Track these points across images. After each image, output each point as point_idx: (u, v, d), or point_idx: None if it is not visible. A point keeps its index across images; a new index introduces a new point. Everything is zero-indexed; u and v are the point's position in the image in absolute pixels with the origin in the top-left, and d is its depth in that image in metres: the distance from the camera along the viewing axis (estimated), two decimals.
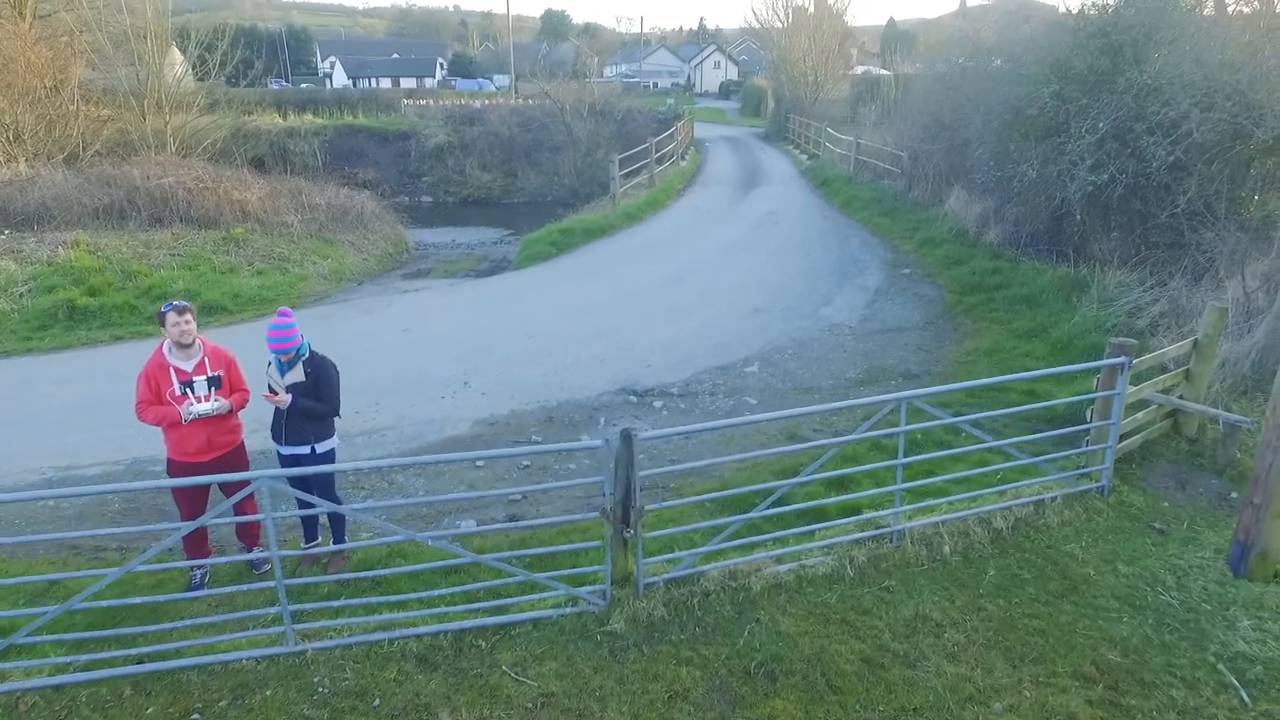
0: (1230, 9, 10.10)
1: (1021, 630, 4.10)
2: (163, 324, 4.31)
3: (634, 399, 7.49)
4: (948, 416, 4.74)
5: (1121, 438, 5.43)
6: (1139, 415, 5.83)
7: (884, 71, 38.61)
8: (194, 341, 4.37)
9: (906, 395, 4.52)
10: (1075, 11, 10.87)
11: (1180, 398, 6.20)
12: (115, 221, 13.96)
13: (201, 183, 14.86)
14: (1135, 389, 5.58)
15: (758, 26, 35.52)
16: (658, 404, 7.37)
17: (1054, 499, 5.17)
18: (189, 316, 4.34)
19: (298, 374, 4.38)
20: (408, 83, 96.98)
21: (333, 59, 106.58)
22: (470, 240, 23.98)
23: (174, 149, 20.55)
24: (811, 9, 33.72)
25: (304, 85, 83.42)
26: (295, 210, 15.39)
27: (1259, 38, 8.72)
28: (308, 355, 4.46)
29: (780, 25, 31.41)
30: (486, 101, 36.88)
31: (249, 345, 9.59)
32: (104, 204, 14.03)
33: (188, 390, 4.33)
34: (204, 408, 4.35)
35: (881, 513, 4.81)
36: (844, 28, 31.01)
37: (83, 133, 19.21)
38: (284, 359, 4.38)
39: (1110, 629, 4.11)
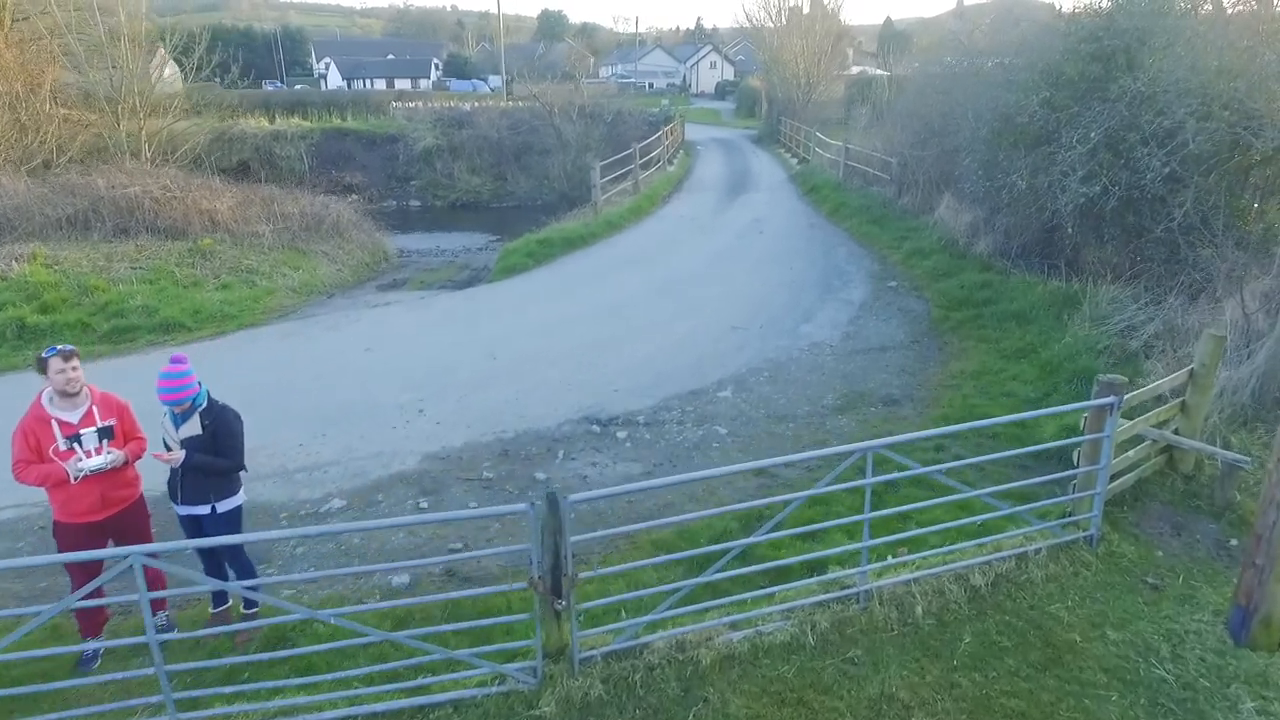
0: (1228, 11, 9.67)
1: (998, 713, 3.68)
2: (44, 371, 3.88)
3: (597, 428, 7.06)
4: (918, 465, 4.31)
5: (1112, 477, 5.01)
6: (1130, 453, 5.41)
7: (880, 72, 38.21)
8: (80, 389, 3.94)
9: (872, 445, 4.09)
10: (1067, 15, 10.46)
11: (1175, 432, 5.78)
12: (79, 233, 13.52)
13: (169, 192, 14.43)
14: (1128, 425, 5.15)
15: (749, 26, 35.01)
16: (621, 434, 6.94)
17: (1038, 551, 4.74)
18: (75, 362, 3.91)
19: (194, 426, 3.94)
20: (402, 84, 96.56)
21: (328, 60, 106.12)
22: (455, 246, 23.57)
23: (149, 155, 20.11)
24: (807, 9, 33.30)
25: (299, 86, 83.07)
26: (267, 219, 14.95)
27: (1258, 42, 8.29)
28: (205, 405, 4.02)
29: (772, 25, 30.96)
30: (476, 104, 36.42)
31: (206, 367, 9.21)
32: (67, 214, 13.58)
33: (74, 445, 3.89)
34: (94, 462, 3.92)
35: (847, 571, 4.39)
36: (838, 27, 30.57)
37: (58, 139, 18.79)
38: (178, 410, 3.94)
39: (1098, 710, 3.69)
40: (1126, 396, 4.77)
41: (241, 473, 4.19)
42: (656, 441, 6.84)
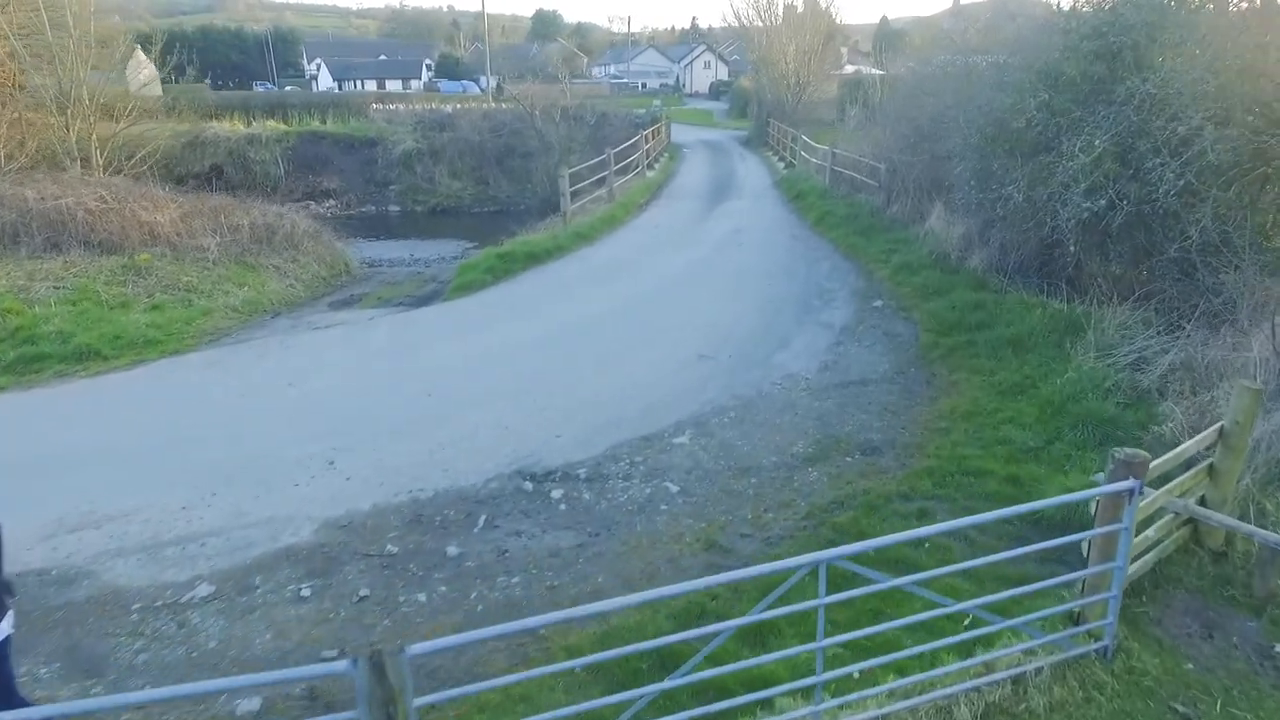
0: (1244, 4, 8.74)
1: None
2: None
3: (529, 485, 6.11)
4: (884, 578, 3.36)
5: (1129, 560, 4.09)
6: (1150, 531, 4.48)
7: (876, 71, 37.29)
8: None
9: (826, 556, 3.15)
10: (1066, 9, 9.52)
11: (1202, 501, 4.85)
12: (6, 249, 12.58)
13: (105, 203, 13.46)
14: (1148, 498, 4.23)
15: (738, 25, 34.07)
16: (556, 494, 6.00)
17: (1039, 671, 3.80)
18: None
19: None
20: (393, 85, 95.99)
21: (318, 61, 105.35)
22: (429, 255, 22.66)
23: (100, 162, 19.15)
24: (801, 7, 32.36)
25: (289, 88, 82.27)
26: (213, 231, 14.00)
27: None
28: None
29: (761, 24, 30.04)
30: (459, 105, 35.47)
31: (111, 404, 8.28)
32: None
33: None
34: None
35: (798, 713, 3.44)
36: (828, 25, 29.64)
37: (4, 145, 17.83)
38: None
39: None
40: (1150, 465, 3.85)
41: (8, 597, 3.24)
42: (596, 503, 5.90)
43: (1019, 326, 8.65)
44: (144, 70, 45.80)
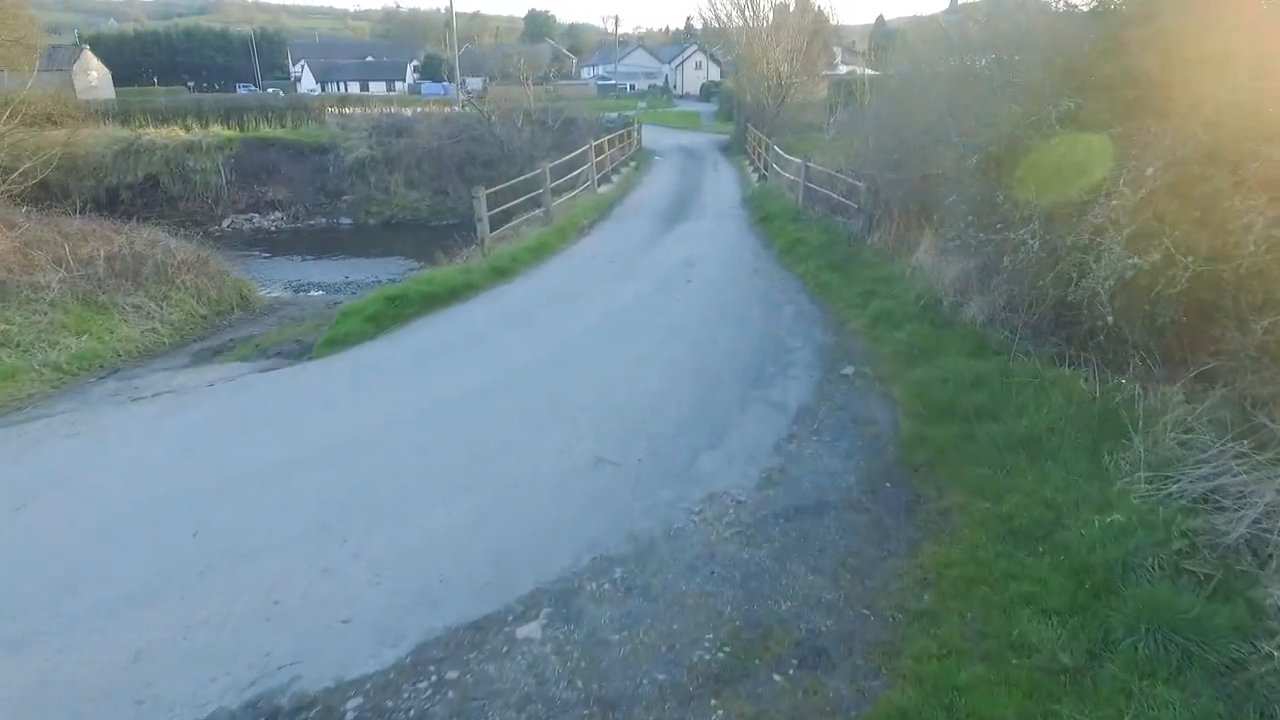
0: None
1: None
2: None
3: None
4: None
5: None
6: None
7: (870, 72, 35.02)
8: None
9: None
10: None
11: None
12: None
13: None
14: None
15: (717, 25, 31.72)
16: None
17: None
18: None
19: None
20: (377, 86, 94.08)
21: (303, 62, 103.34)
22: (365, 276, 20.36)
23: None
24: (792, 5, 30.03)
25: (271, 90, 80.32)
26: (58, 264, 11.66)
27: None
28: None
29: (741, 21, 27.73)
30: (419, 109, 33.16)
31: None
32: None
33: None
34: None
35: None
36: (813, 20, 27.30)
37: None
38: None
39: None
40: None
41: None
42: None
43: (1034, 417, 6.32)
44: (92, 72, 43.56)
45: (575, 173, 15.98)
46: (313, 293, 18.54)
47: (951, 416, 6.73)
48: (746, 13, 26.53)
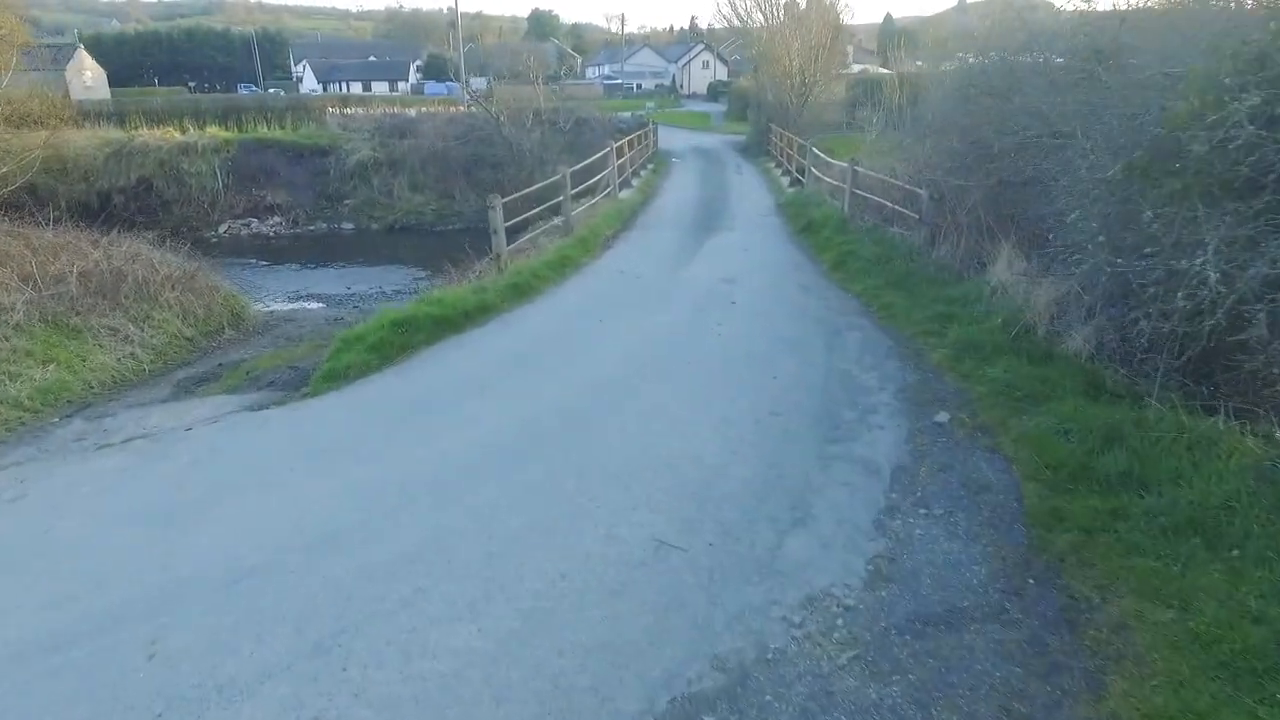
0: None
1: None
2: None
3: None
4: None
5: None
6: None
7: (884, 70, 33.78)
8: None
9: None
10: None
11: None
12: None
13: None
14: None
15: (736, 24, 30.44)
16: None
17: None
18: None
19: None
20: (379, 86, 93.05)
21: (305, 62, 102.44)
22: (367, 287, 19.10)
23: None
24: (804, 3, 28.76)
25: (272, 90, 79.37)
26: (24, 284, 10.46)
27: None
28: None
29: (762, 17, 26.45)
30: (423, 109, 31.93)
31: None
32: None
33: None
34: None
35: None
36: (837, 18, 26.04)
37: None
38: None
39: None
40: None
41: None
42: None
43: (1199, 488, 5.07)
44: (86, 72, 42.40)
45: (596, 178, 14.73)
46: (311, 305, 17.32)
47: (1087, 483, 5.48)
48: (767, 9, 25.30)
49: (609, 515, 5.33)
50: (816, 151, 15.35)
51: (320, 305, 17.28)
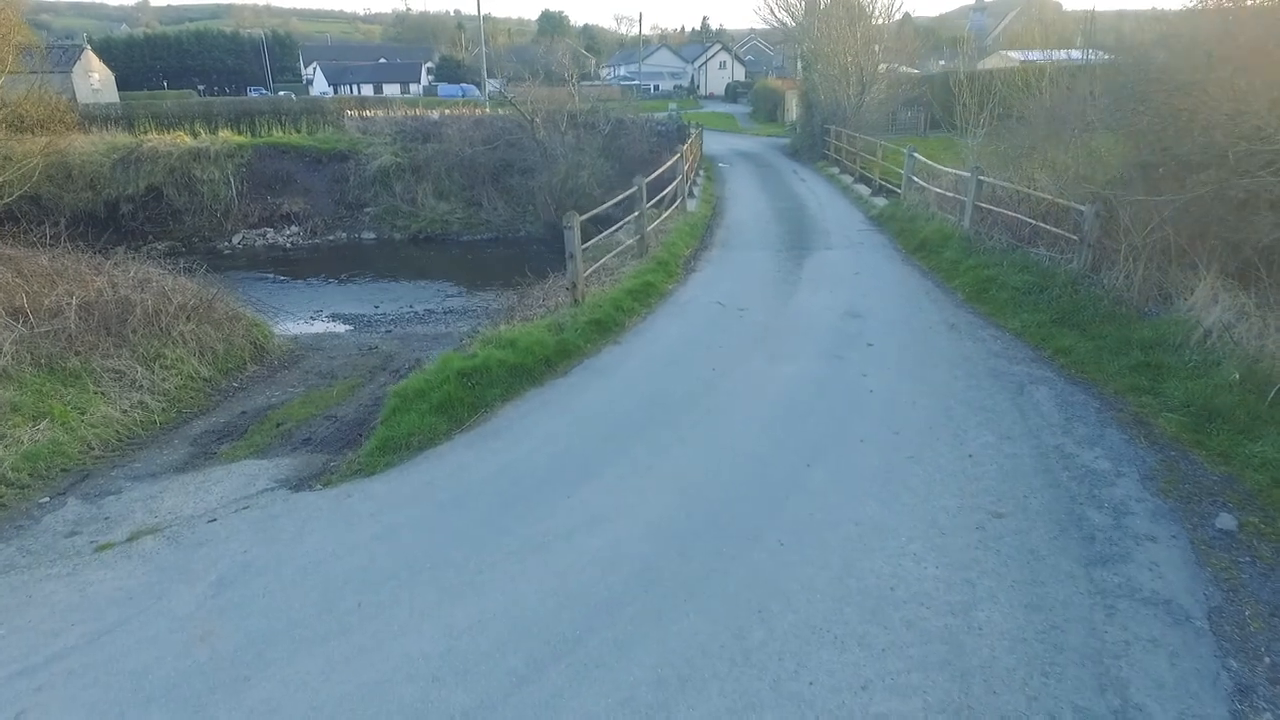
0: None
1: None
2: None
3: None
4: None
5: None
6: None
7: (911, 70, 32.29)
8: None
9: None
10: None
11: None
12: None
13: None
14: None
15: (776, 23, 28.63)
16: None
17: None
18: None
19: None
20: (391, 89, 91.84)
21: (315, 65, 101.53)
22: (398, 307, 17.42)
23: None
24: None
25: (282, 93, 78.13)
26: (13, 318, 8.81)
27: None
28: None
29: (803, 9, 24.64)
30: (447, 112, 30.29)
31: None
32: None
33: None
34: None
35: None
36: (888, 10, 24.29)
37: None
38: None
39: None
40: None
41: None
42: None
43: None
44: (94, 75, 40.97)
45: (664, 191, 12.97)
46: (339, 329, 15.64)
47: None
48: (821, 3, 23.52)
49: (833, 702, 3.60)
50: (919, 157, 13.57)
51: (348, 328, 15.61)
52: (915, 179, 13.45)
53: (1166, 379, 6.73)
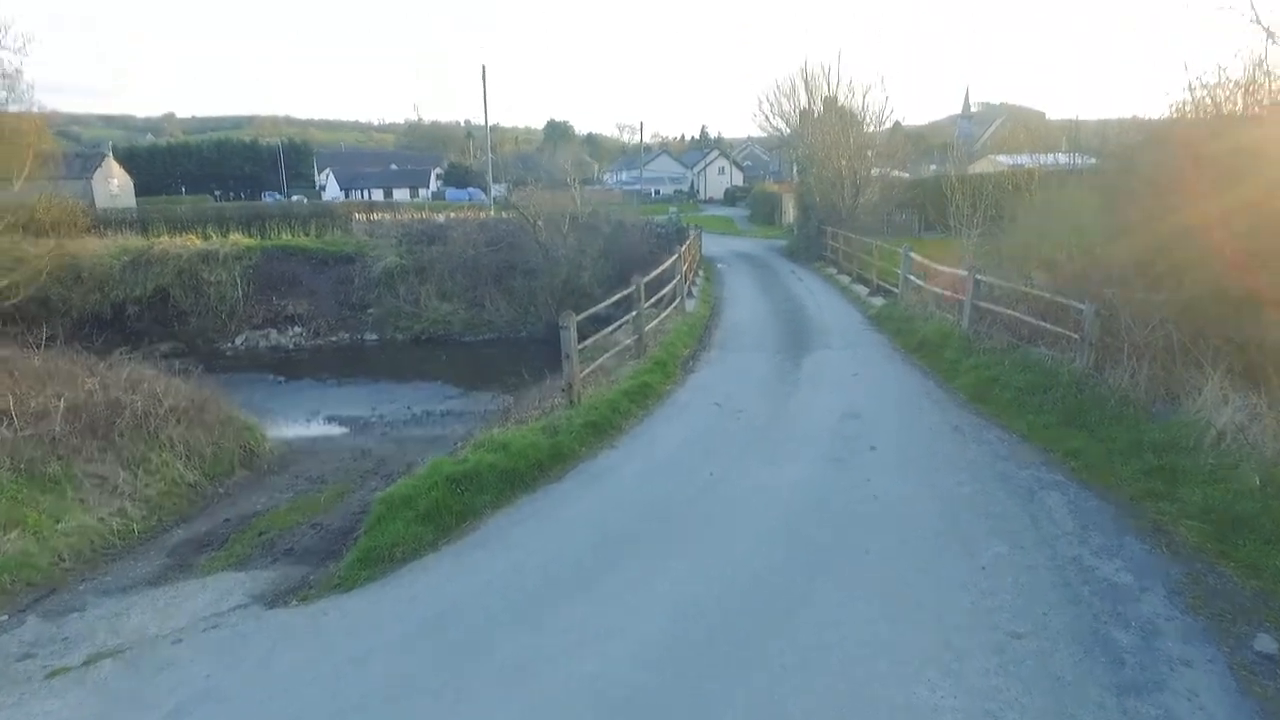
0: None
1: None
2: None
3: None
4: None
5: None
6: None
7: (902, 174, 33.28)
8: None
9: None
10: None
11: None
12: None
13: None
14: None
15: (771, 129, 29.73)
16: None
17: None
18: None
19: None
20: (401, 193, 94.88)
21: (328, 171, 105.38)
22: (396, 409, 17.25)
23: None
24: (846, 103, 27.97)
25: (296, 198, 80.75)
26: None
27: None
28: None
29: (801, 111, 25.60)
30: (452, 215, 31.08)
31: None
32: None
33: None
34: None
35: None
36: (878, 116, 25.24)
37: None
38: None
39: None
40: None
41: None
42: None
43: None
44: (113, 180, 42.46)
45: (662, 291, 13.07)
46: (334, 431, 15.44)
47: None
48: (815, 111, 24.48)
49: None
50: (915, 256, 13.72)
51: (343, 430, 15.41)
52: (912, 278, 13.55)
53: (1183, 483, 6.46)
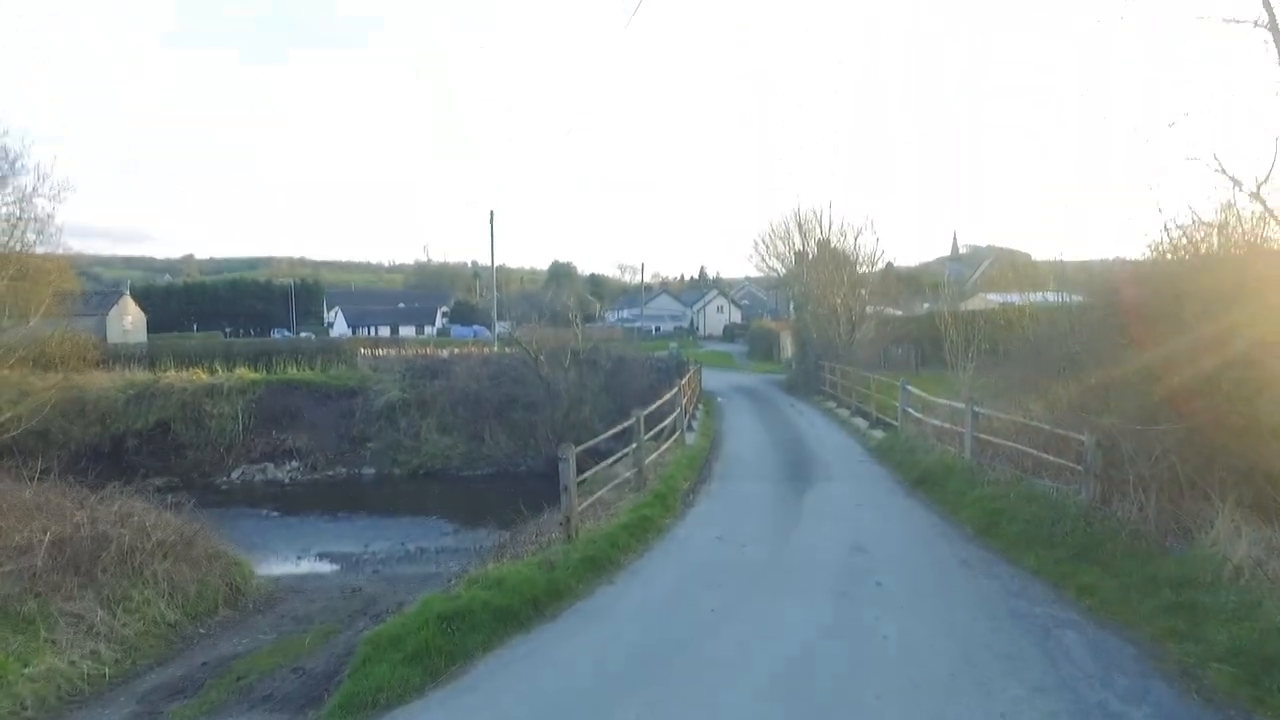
0: None
1: None
2: None
3: None
4: None
5: None
6: None
7: (896, 312, 34.16)
8: None
9: None
10: None
11: None
12: None
13: None
14: None
15: (768, 270, 30.86)
16: None
17: None
18: None
19: None
20: (407, 330, 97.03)
21: (337, 309, 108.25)
22: (389, 545, 16.80)
23: None
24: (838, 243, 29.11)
25: (304, 334, 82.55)
26: None
27: None
28: None
29: (796, 253, 26.64)
30: (456, 351, 31.65)
31: None
32: None
33: None
34: None
35: None
36: (871, 256, 26.22)
37: None
38: None
39: None
40: None
41: None
42: None
43: None
44: (127, 317, 43.65)
45: (663, 423, 13.10)
46: (324, 569, 14.99)
47: None
48: (809, 252, 25.53)
49: None
50: (914, 390, 13.85)
51: (334, 568, 14.97)
52: (911, 410, 13.61)
53: (1205, 622, 6.18)
